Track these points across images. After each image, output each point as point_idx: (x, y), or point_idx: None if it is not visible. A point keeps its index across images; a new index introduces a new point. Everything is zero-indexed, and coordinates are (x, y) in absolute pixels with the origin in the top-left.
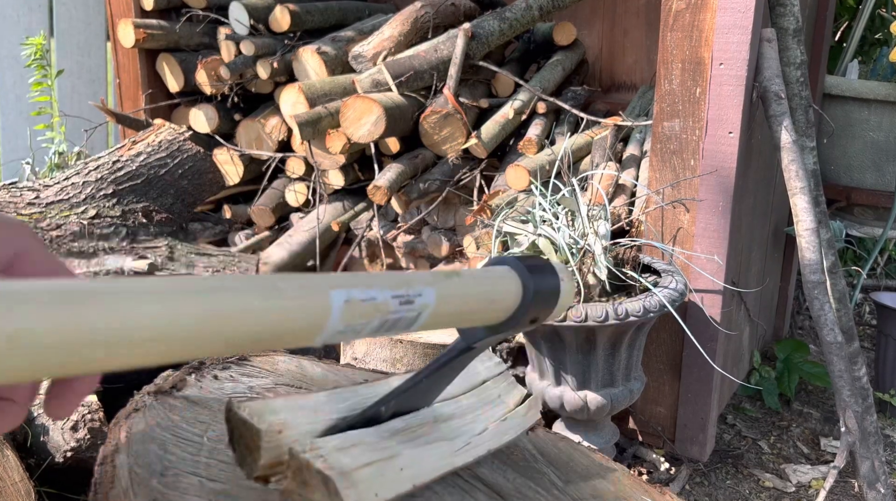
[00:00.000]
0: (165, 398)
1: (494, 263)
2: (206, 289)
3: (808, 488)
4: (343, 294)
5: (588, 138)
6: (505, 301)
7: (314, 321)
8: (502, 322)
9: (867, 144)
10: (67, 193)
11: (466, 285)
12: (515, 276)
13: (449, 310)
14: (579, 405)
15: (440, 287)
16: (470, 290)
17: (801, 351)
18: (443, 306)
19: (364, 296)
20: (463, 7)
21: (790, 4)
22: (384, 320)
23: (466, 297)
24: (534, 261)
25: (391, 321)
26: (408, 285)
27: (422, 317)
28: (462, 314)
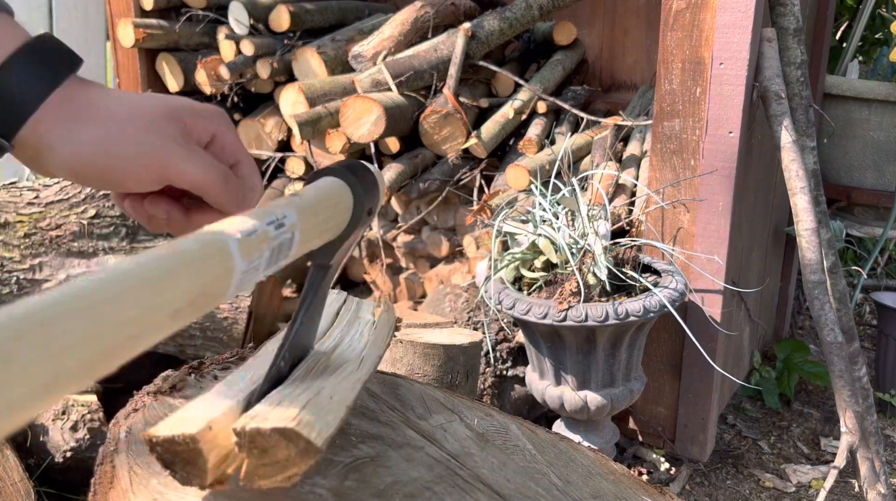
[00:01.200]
0: (165, 399)
1: (318, 176)
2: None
3: (809, 488)
4: (235, 235)
5: (588, 138)
6: (343, 203)
7: (224, 269)
8: (348, 226)
9: (867, 143)
10: (67, 192)
11: (311, 197)
12: (339, 180)
13: (310, 224)
14: (579, 405)
15: (295, 205)
16: (316, 201)
17: (802, 351)
18: (305, 220)
19: (249, 231)
20: (463, 7)
21: (790, 4)
22: (271, 247)
23: (317, 207)
24: (346, 162)
25: (276, 247)
26: (273, 212)
27: (295, 237)
28: (320, 224)
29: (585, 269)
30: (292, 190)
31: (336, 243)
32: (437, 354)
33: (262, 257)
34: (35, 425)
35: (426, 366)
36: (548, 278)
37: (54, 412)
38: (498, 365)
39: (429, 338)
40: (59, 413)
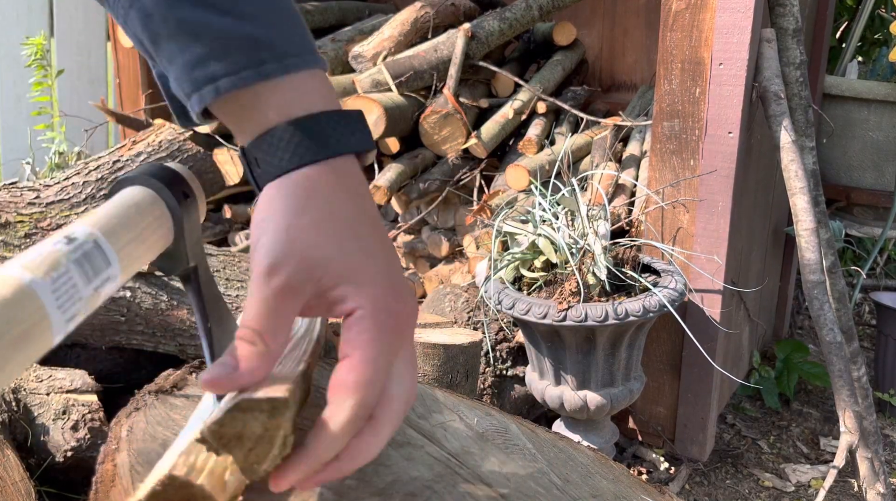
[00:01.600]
0: (166, 397)
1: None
2: None
3: (808, 487)
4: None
5: (588, 138)
6: (145, 201)
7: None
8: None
9: (867, 144)
10: (68, 192)
11: (102, 209)
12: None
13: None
14: (579, 405)
15: (83, 220)
16: (110, 209)
17: (801, 351)
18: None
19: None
20: (463, 7)
21: (790, 4)
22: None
23: (115, 212)
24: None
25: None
26: (57, 234)
27: (104, 246)
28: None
29: (585, 269)
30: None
31: (178, 242)
32: (437, 354)
33: (68, 272)
34: (36, 424)
35: (426, 366)
36: (548, 278)
37: (55, 411)
38: (498, 365)
39: (429, 338)
40: (60, 413)
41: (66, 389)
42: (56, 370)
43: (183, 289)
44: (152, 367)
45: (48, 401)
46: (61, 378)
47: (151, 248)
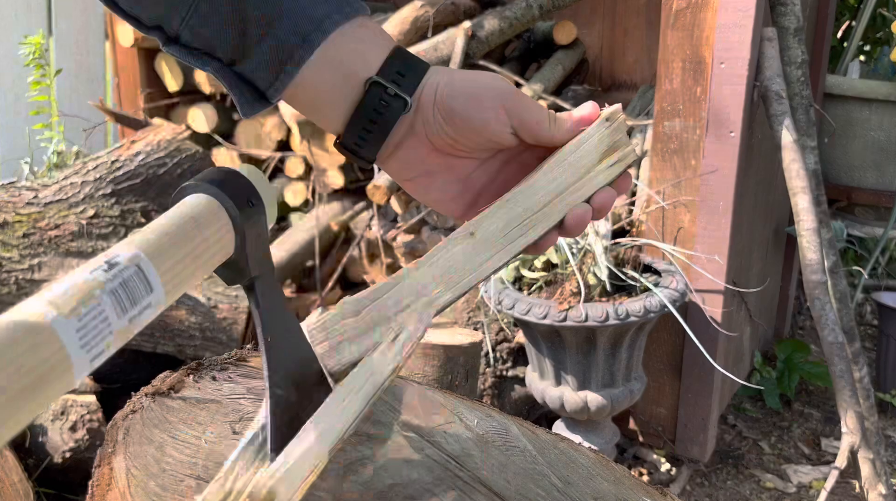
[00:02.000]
0: (163, 400)
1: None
2: None
3: (809, 488)
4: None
5: None
6: (206, 211)
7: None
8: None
9: (868, 143)
10: (66, 192)
11: (155, 225)
12: (191, 194)
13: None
14: (579, 406)
15: (130, 241)
16: (163, 225)
17: (802, 351)
18: (152, 247)
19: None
20: (463, 6)
21: (791, 4)
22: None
23: (167, 230)
24: (209, 172)
25: (120, 289)
26: (98, 259)
27: (148, 270)
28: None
29: (586, 269)
30: (292, 189)
31: (240, 255)
32: (437, 354)
33: (100, 305)
34: (34, 425)
35: (426, 366)
36: (548, 279)
37: (53, 412)
38: (498, 365)
39: (429, 338)
40: (59, 414)
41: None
42: None
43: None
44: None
45: None
46: None
47: (208, 263)
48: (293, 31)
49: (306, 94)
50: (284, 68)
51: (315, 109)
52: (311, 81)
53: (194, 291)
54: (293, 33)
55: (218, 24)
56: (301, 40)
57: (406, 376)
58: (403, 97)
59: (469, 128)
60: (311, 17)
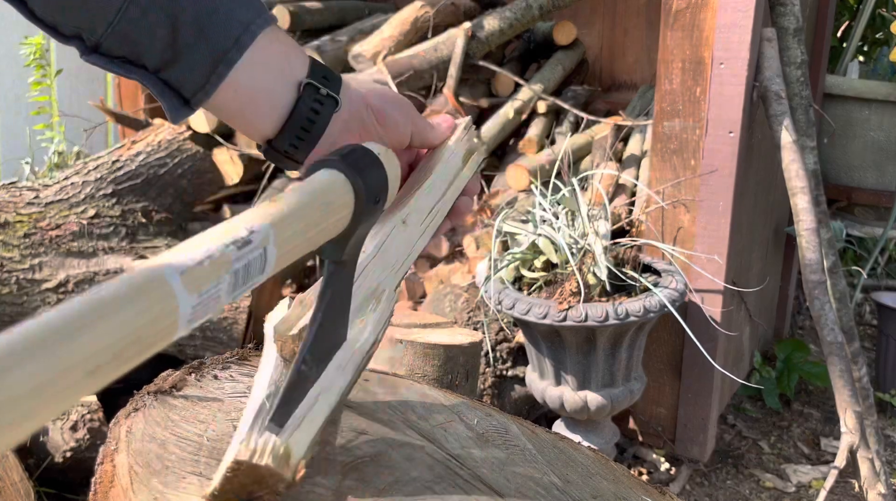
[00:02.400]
0: (165, 398)
1: (312, 170)
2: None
3: (809, 488)
4: (177, 268)
5: (588, 138)
6: (339, 198)
7: (162, 309)
8: (351, 221)
9: (868, 143)
10: (67, 192)
11: (294, 202)
12: (336, 173)
13: (292, 233)
14: (579, 406)
15: (270, 216)
16: (301, 206)
17: (802, 351)
18: (284, 231)
19: (199, 259)
20: (463, 7)
21: (790, 4)
22: (234, 271)
23: (301, 214)
24: (349, 150)
25: (242, 270)
26: (236, 229)
27: (270, 253)
28: (307, 231)
29: (585, 269)
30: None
31: (341, 239)
32: (437, 354)
33: (220, 284)
34: None
35: (426, 366)
36: (548, 278)
37: None
38: (498, 365)
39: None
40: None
41: None
42: None
43: None
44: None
45: None
46: None
47: (315, 245)
48: (225, 33)
49: (238, 97)
50: (216, 70)
51: (245, 113)
52: (244, 83)
53: None
54: (225, 36)
55: (147, 28)
56: (233, 43)
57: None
58: (335, 97)
59: (395, 130)
60: (239, 20)
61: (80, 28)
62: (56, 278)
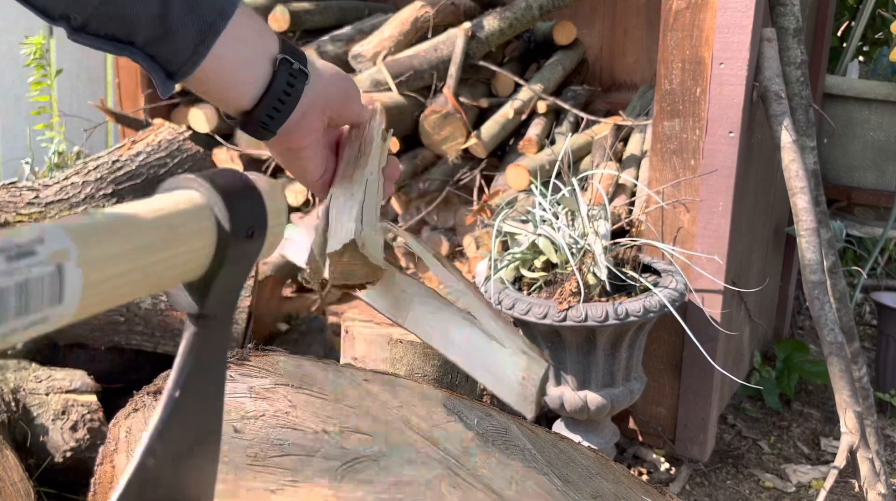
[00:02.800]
0: None
1: (167, 188)
2: None
3: (809, 488)
4: None
5: (588, 138)
6: (192, 226)
7: None
8: (213, 258)
9: (868, 143)
10: (67, 192)
11: (120, 216)
12: (192, 193)
13: (111, 255)
14: (579, 406)
15: (73, 225)
16: (128, 221)
17: (802, 351)
18: (95, 248)
19: None
20: (463, 7)
21: (790, 4)
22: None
23: (128, 231)
24: (217, 171)
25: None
26: (10, 235)
27: (70, 274)
28: (139, 258)
29: (585, 269)
30: (292, 190)
31: (202, 284)
32: (438, 354)
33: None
34: (35, 425)
35: (426, 366)
36: (548, 278)
37: (54, 411)
38: None
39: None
40: (59, 413)
41: (65, 389)
42: (55, 370)
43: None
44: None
45: (47, 401)
46: (60, 379)
47: (155, 284)
48: (212, 7)
49: (221, 68)
50: (204, 41)
51: (226, 85)
52: (227, 55)
53: None
54: (211, 7)
55: (142, 4)
56: (217, 14)
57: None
58: (306, 72)
59: (352, 107)
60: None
61: (69, 8)
62: None
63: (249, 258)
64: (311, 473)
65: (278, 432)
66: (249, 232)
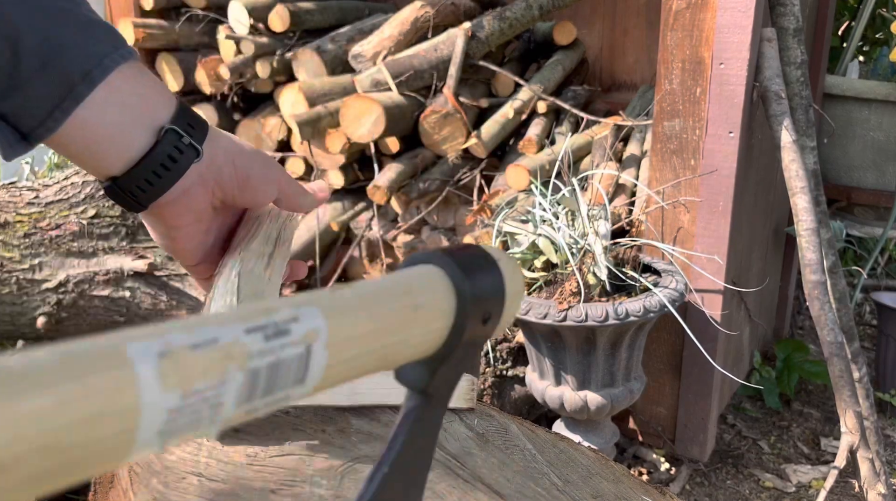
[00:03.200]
0: None
1: (407, 263)
2: None
3: (809, 488)
4: (152, 347)
5: (588, 138)
6: (436, 306)
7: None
8: (448, 337)
9: (868, 143)
10: (67, 192)
11: (369, 293)
12: (437, 270)
13: (356, 336)
14: (579, 406)
15: (325, 303)
16: (377, 300)
17: (801, 351)
18: (343, 329)
19: (195, 340)
20: (463, 7)
21: (790, 4)
22: (252, 371)
23: (376, 311)
24: (461, 247)
25: (265, 372)
26: (269, 311)
27: (316, 356)
28: (380, 338)
29: (585, 269)
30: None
31: (431, 360)
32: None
33: (223, 386)
34: None
35: None
36: (548, 278)
37: None
38: (498, 365)
39: None
40: None
41: None
42: None
43: (182, 289)
44: None
45: None
46: None
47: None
48: (73, 66)
49: (85, 135)
50: (62, 105)
51: (93, 150)
52: (94, 120)
53: (195, 290)
54: (73, 69)
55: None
56: (82, 76)
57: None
58: (197, 147)
59: (253, 195)
60: (89, 54)
61: None
62: (56, 278)
63: (480, 342)
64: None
65: (279, 431)
66: (486, 317)
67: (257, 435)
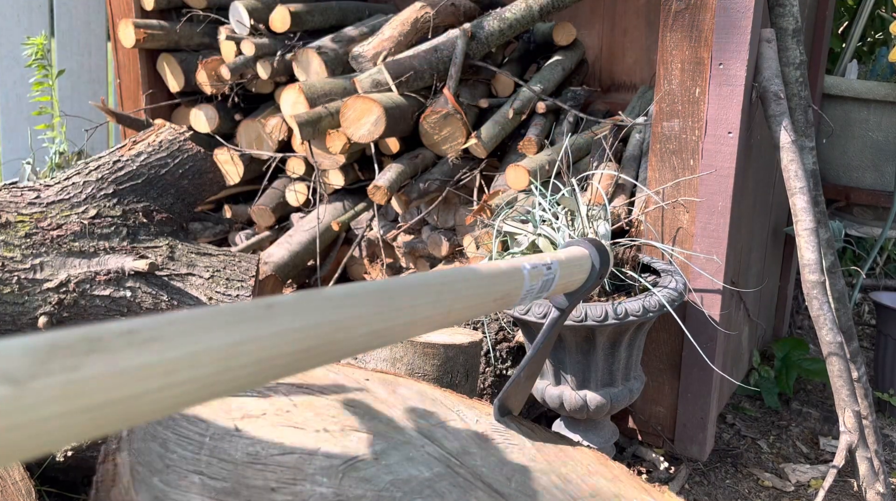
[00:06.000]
0: None
1: (568, 244)
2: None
3: (808, 487)
4: (526, 265)
5: (588, 138)
6: (584, 267)
7: (516, 285)
8: (584, 283)
9: (866, 144)
10: (68, 192)
11: (567, 254)
12: (586, 250)
13: (563, 274)
14: (579, 405)
15: (559, 258)
16: (570, 260)
17: (800, 349)
18: (564, 269)
19: (533, 265)
20: (463, 7)
21: (789, 5)
22: (543, 281)
23: (570, 265)
24: (591, 238)
25: (542, 283)
26: (545, 259)
27: (554, 281)
28: (567, 276)
29: None
30: (293, 190)
31: (576, 294)
32: (437, 354)
33: (536, 285)
34: None
35: (426, 366)
36: None
37: None
38: (498, 365)
39: (428, 338)
40: None
41: None
42: None
43: (183, 289)
44: None
45: None
46: None
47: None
48: None
49: None
50: None
51: None
52: None
53: (195, 290)
54: None
55: None
56: None
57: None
58: None
59: None
60: None
61: None
62: (57, 278)
63: (591, 290)
64: (312, 471)
65: (279, 430)
66: (601, 275)
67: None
